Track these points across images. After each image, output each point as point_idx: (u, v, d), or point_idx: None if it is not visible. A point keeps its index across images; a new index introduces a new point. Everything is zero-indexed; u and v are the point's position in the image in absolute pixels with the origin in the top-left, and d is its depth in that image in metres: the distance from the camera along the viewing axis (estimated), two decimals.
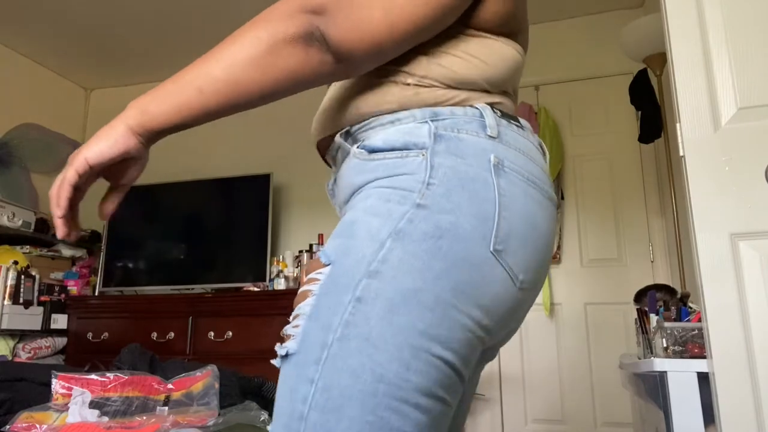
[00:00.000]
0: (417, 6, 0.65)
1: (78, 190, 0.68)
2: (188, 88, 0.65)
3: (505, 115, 0.72)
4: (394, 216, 0.63)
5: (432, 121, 0.68)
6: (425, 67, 0.71)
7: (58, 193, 0.66)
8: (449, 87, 0.71)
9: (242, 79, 0.64)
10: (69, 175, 0.65)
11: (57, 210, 0.66)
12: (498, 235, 0.64)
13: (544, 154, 0.77)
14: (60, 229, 0.67)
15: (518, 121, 0.73)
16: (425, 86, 0.70)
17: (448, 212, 0.63)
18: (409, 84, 0.71)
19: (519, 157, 0.69)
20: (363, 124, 0.72)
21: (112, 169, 0.69)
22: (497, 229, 0.64)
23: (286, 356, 0.63)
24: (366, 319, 0.60)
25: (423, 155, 0.66)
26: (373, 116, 0.71)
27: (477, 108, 0.70)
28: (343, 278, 0.62)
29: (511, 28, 0.75)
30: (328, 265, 0.64)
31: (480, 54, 0.72)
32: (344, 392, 0.58)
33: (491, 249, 0.63)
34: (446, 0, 0.66)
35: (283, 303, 2.83)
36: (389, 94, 0.71)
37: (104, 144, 0.65)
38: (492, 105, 0.72)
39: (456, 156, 0.66)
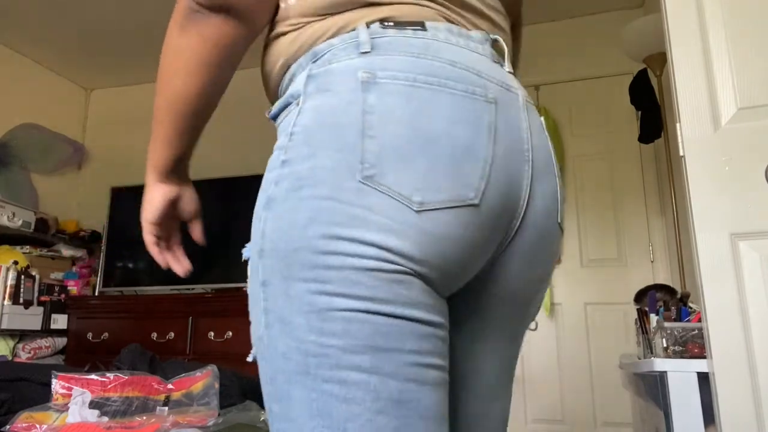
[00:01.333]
0: None
1: (162, 239, 0.78)
2: (156, 127, 0.70)
3: (399, 24, 0.62)
4: (267, 185, 0.59)
5: (313, 62, 0.62)
6: (295, 5, 0.64)
7: (152, 253, 0.77)
8: (324, 16, 0.63)
9: (175, 91, 0.66)
10: (146, 239, 0.76)
11: (162, 264, 0.79)
12: (366, 160, 0.56)
13: (495, 51, 0.67)
14: (178, 272, 0.78)
15: (422, 25, 0.62)
16: (301, 27, 0.64)
17: (307, 158, 0.57)
18: (286, 33, 0.65)
19: (405, 61, 0.60)
20: (278, 95, 0.69)
21: (175, 212, 0.79)
22: (363, 154, 0.56)
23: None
24: (274, 300, 0.56)
25: (297, 104, 0.61)
26: (278, 85, 0.68)
27: (355, 29, 0.62)
28: (251, 267, 0.60)
29: None
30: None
31: None
32: (285, 378, 0.56)
33: (360, 178, 0.55)
34: None
35: None
36: (274, 53, 0.67)
37: (148, 203, 0.75)
38: (381, 20, 0.62)
39: (323, 91, 0.59)
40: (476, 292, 0.66)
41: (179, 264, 0.77)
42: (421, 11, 0.64)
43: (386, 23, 0.63)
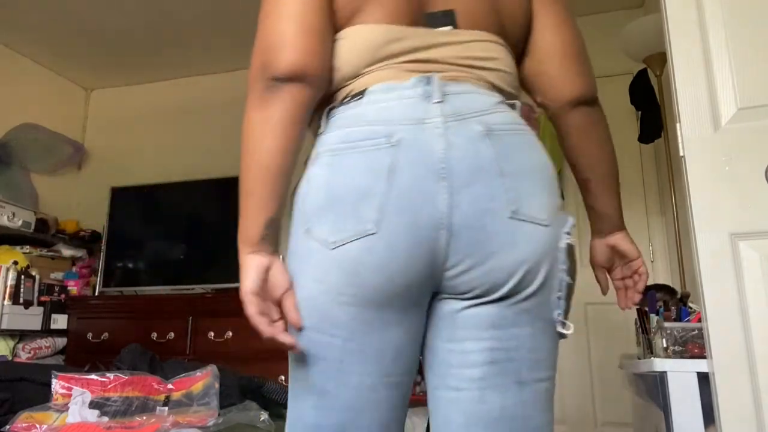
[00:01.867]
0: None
1: (266, 311, 0.83)
2: (246, 199, 0.85)
3: (344, 99, 0.81)
4: None
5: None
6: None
7: (263, 330, 0.81)
8: (316, 111, 0.82)
9: (268, 153, 0.80)
10: (250, 312, 0.83)
11: (270, 335, 0.80)
12: (306, 220, 0.78)
13: (427, 92, 0.78)
14: (287, 343, 0.80)
15: (362, 93, 0.79)
16: (314, 121, 0.85)
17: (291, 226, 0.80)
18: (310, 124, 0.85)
19: (335, 135, 0.78)
20: None
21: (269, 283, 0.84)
22: (304, 215, 0.78)
23: None
24: None
25: None
26: None
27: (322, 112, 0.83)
28: None
29: (352, 11, 0.81)
30: None
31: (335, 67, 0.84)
32: None
33: (303, 231, 0.78)
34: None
35: None
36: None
37: (246, 277, 0.84)
38: (344, 100, 0.81)
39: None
40: (455, 290, 0.78)
41: (287, 336, 0.79)
42: (378, 76, 0.80)
43: (337, 104, 0.82)
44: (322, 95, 0.81)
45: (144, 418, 1.74)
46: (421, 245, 0.73)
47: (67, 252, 3.56)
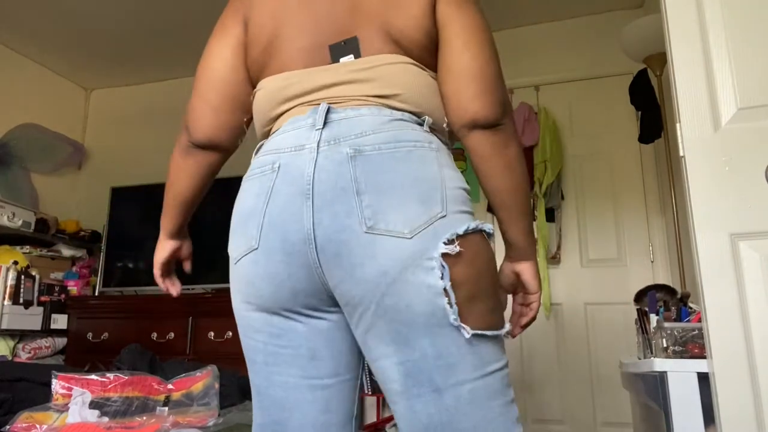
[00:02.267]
0: None
1: (165, 274, 1.18)
2: (165, 209, 1.13)
3: (267, 136, 0.96)
4: None
5: None
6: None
7: (158, 282, 1.18)
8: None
9: (178, 191, 1.10)
10: (156, 273, 1.17)
11: (164, 288, 1.18)
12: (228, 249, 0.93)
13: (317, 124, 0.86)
14: (172, 293, 1.18)
15: (281, 125, 0.92)
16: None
17: None
18: None
19: (253, 163, 0.92)
20: None
21: (175, 256, 1.18)
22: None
23: None
24: None
25: None
26: None
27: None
28: None
29: (260, 66, 0.96)
30: None
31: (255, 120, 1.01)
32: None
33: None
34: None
35: None
36: None
37: (158, 251, 1.16)
38: (264, 138, 0.97)
39: None
40: (342, 302, 0.85)
41: (174, 287, 1.18)
42: (288, 114, 0.92)
43: (263, 140, 0.97)
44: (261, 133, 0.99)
45: (144, 418, 1.74)
46: (294, 257, 0.83)
47: (67, 252, 3.56)
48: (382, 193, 0.81)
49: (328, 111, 0.86)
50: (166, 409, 1.81)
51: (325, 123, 0.85)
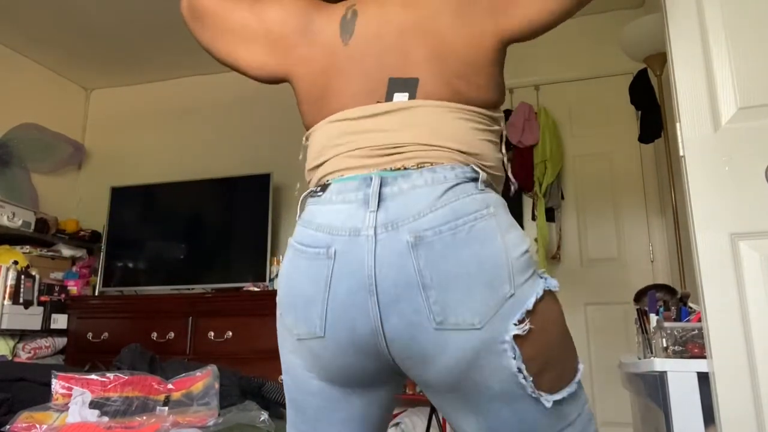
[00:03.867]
0: None
1: None
2: None
3: (314, 192, 0.91)
4: None
5: None
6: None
7: None
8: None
9: None
10: None
11: None
12: (279, 305, 0.90)
13: (364, 199, 0.84)
14: None
15: (324, 188, 0.89)
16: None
17: None
18: None
19: (297, 231, 0.89)
20: None
21: None
22: (278, 298, 0.91)
23: None
24: None
25: None
26: None
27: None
28: None
29: (316, 112, 0.95)
30: None
31: (306, 161, 0.98)
32: None
33: (279, 313, 0.91)
34: None
35: None
36: None
37: None
38: (312, 192, 0.91)
39: None
40: (416, 381, 0.86)
41: None
42: (339, 163, 0.89)
43: (308, 194, 0.93)
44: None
45: (144, 418, 1.74)
46: (364, 347, 0.82)
47: (67, 252, 3.56)
48: (449, 285, 0.78)
49: (380, 184, 0.83)
50: (166, 408, 1.81)
51: (378, 201, 0.82)
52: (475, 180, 0.85)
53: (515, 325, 0.78)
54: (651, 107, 2.74)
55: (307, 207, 0.91)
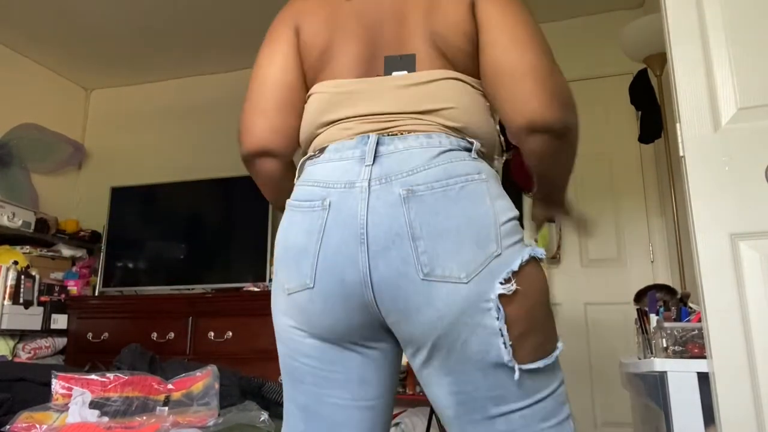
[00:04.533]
0: None
1: None
2: None
3: (312, 155, 0.92)
4: None
5: None
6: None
7: None
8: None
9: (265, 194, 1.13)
10: None
11: None
12: (275, 264, 0.93)
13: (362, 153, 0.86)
14: None
15: (322, 150, 0.91)
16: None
17: None
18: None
19: (296, 189, 0.91)
20: None
21: None
22: (274, 259, 0.93)
23: None
24: None
25: None
26: None
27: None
28: None
29: (315, 72, 0.96)
30: None
31: (302, 123, 0.98)
32: None
33: (274, 272, 0.93)
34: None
35: None
36: None
37: None
38: (310, 155, 0.93)
39: None
40: (399, 337, 0.87)
41: None
42: (330, 134, 0.91)
43: (306, 158, 0.94)
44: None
45: (144, 418, 1.74)
46: (352, 298, 0.83)
47: (67, 252, 3.56)
48: (438, 237, 0.80)
49: (377, 143, 0.85)
50: (166, 409, 1.81)
51: (374, 157, 0.84)
52: (468, 150, 0.87)
53: (501, 284, 0.79)
54: (651, 107, 2.74)
55: (305, 169, 0.93)
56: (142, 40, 3.61)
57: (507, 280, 0.80)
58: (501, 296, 0.79)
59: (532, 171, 0.96)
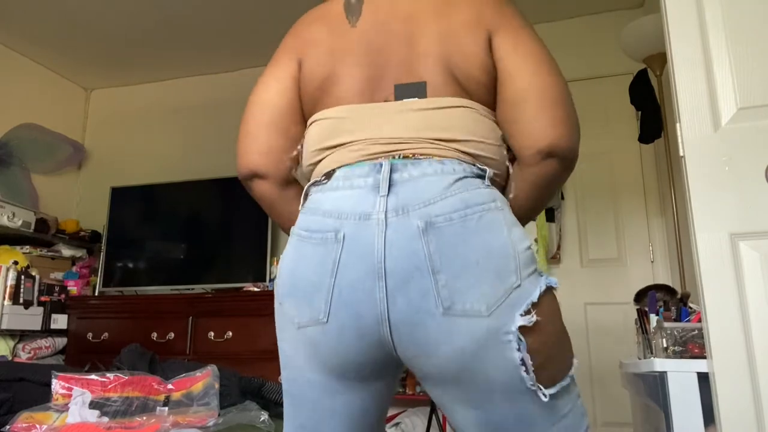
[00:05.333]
0: None
1: None
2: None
3: (318, 181, 0.90)
4: None
5: None
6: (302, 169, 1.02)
7: None
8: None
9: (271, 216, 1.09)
10: None
11: None
12: (279, 294, 0.89)
13: (374, 184, 0.84)
14: None
15: (329, 176, 0.88)
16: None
17: None
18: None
19: (301, 219, 0.89)
20: None
21: None
22: (277, 289, 0.90)
23: None
24: None
25: None
26: None
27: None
28: None
29: (315, 101, 0.95)
30: None
31: (305, 152, 0.97)
32: None
33: (278, 303, 0.90)
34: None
35: None
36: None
37: None
38: (315, 181, 0.91)
39: None
40: (417, 372, 0.85)
41: None
42: (344, 156, 0.89)
43: (311, 183, 0.92)
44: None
45: (144, 418, 1.74)
46: (367, 334, 0.81)
47: (67, 252, 3.56)
48: (458, 270, 0.78)
49: (390, 170, 0.83)
50: (166, 409, 1.81)
51: (389, 186, 0.82)
52: (481, 177, 0.86)
53: (521, 316, 0.79)
54: (651, 107, 2.74)
55: (310, 196, 0.90)
56: (142, 40, 3.61)
57: (527, 312, 0.79)
58: (521, 328, 0.79)
59: (520, 203, 0.94)
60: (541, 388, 0.80)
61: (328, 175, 0.89)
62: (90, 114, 4.28)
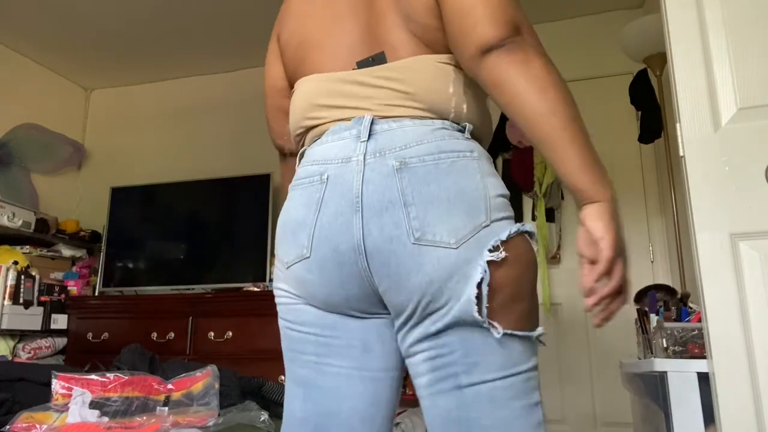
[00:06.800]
0: None
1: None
2: None
3: (313, 137, 0.96)
4: None
5: None
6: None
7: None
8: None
9: None
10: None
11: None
12: (276, 244, 0.97)
13: (356, 135, 0.89)
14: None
15: (318, 137, 0.95)
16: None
17: None
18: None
19: (297, 171, 0.96)
20: None
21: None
22: (275, 240, 0.97)
23: None
24: None
25: None
26: None
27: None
28: None
29: (294, 68, 1.01)
30: None
31: (291, 119, 1.02)
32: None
33: (276, 252, 0.97)
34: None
35: None
36: None
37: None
38: (305, 145, 0.99)
39: None
40: (390, 308, 0.89)
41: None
42: (329, 115, 0.94)
43: (305, 147, 0.99)
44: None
45: (144, 418, 1.74)
46: (346, 266, 0.86)
47: (67, 252, 3.56)
48: (429, 204, 0.83)
49: (372, 122, 0.88)
50: (166, 409, 1.81)
51: (369, 134, 0.88)
52: (461, 131, 0.90)
53: (489, 251, 0.81)
54: (651, 107, 2.74)
55: (304, 155, 0.97)
56: (142, 40, 3.61)
57: (495, 248, 0.81)
58: (490, 263, 0.81)
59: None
60: (495, 325, 0.81)
61: (318, 137, 0.96)
62: (90, 114, 4.27)
